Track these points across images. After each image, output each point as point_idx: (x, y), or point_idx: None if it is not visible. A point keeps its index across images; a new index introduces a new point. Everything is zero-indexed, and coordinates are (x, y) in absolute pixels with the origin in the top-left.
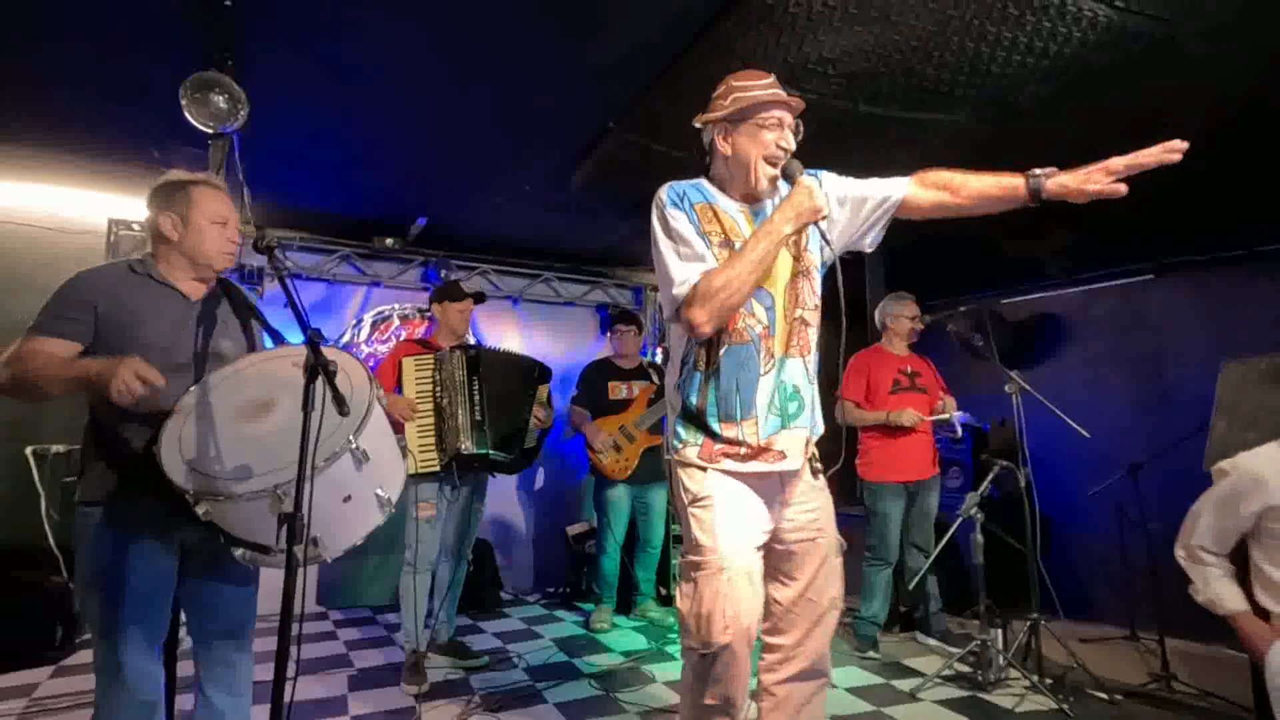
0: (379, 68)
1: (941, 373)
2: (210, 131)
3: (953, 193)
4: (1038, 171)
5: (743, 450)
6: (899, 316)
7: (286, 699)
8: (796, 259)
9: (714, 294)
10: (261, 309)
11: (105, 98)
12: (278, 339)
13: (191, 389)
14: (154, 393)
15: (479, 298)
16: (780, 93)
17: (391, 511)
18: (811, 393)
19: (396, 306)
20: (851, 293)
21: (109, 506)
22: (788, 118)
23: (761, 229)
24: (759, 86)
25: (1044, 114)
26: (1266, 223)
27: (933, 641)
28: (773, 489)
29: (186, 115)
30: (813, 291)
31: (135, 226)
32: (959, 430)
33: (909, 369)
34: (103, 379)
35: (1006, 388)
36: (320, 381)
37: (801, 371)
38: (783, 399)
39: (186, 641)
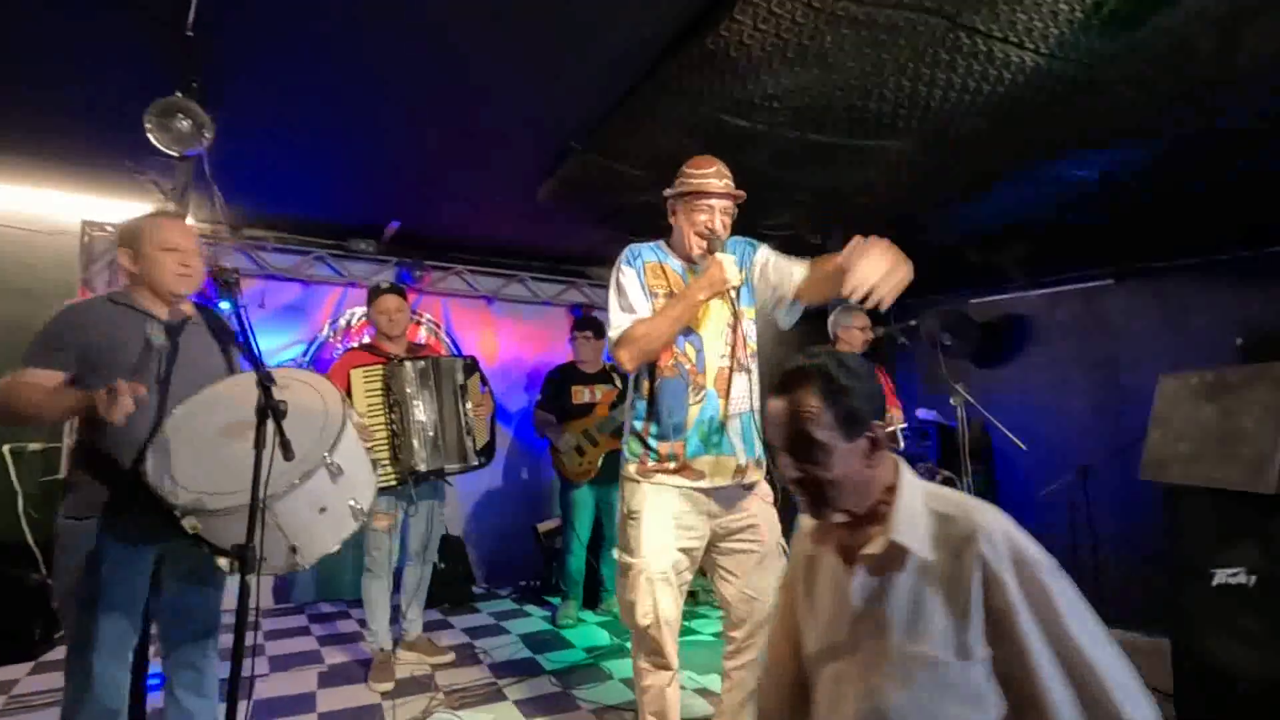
0: (346, 86)
1: (917, 369)
2: (176, 155)
3: (816, 269)
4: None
5: (671, 465)
6: (849, 328)
7: (253, 697)
8: (734, 314)
9: (636, 340)
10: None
11: (76, 114)
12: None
13: (175, 410)
14: (141, 409)
15: (399, 292)
16: (712, 184)
17: (365, 519)
18: (734, 427)
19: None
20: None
21: (100, 521)
22: (720, 202)
23: (682, 294)
24: (699, 176)
25: (985, 143)
26: (1221, 233)
27: None
28: (701, 502)
29: (151, 139)
30: (743, 344)
31: (109, 228)
32: (901, 442)
33: None
34: (100, 404)
35: (951, 400)
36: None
37: (724, 410)
38: (709, 429)
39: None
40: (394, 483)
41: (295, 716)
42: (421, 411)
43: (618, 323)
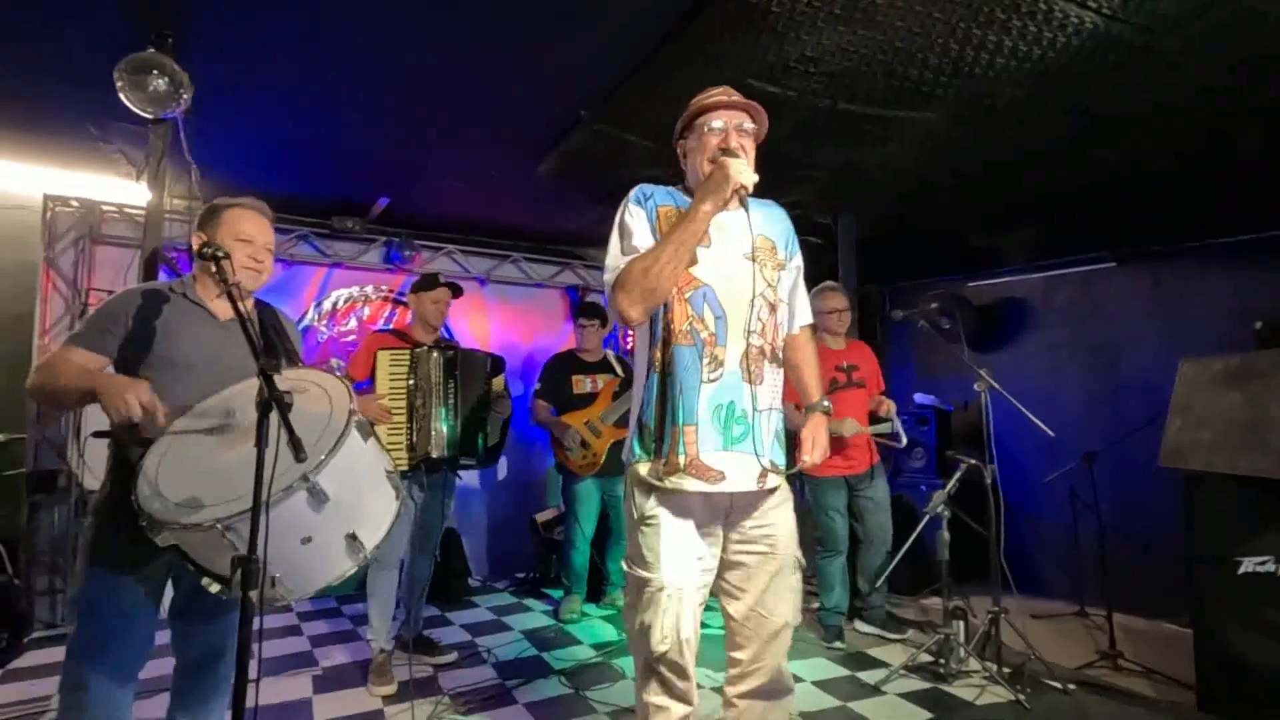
0: (336, 45)
1: (911, 354)
2: (150, 117)
3: (789, 359)
4: (825, 403)
5: (683, 461)
6: (819, 312)
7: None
8: (769, 285)
9: (635, 278)
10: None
11: (36, 74)
12: (294, 363)
13: (191, 410)
14: (151, 422)
15: (455, 290)
16: (720, 98)
17: (365, 561)
18: (762, 423)
19: (358, 289)
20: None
21: (100, 523)
22: (735, 119)
23: (684, 213)
24: (702, 97)
25: (1018, 116)
26: (1220, 218)
27: (870, 629)
28: (720, 506)
29: (122, 99)
30: (775, 328)
31: (73, 203)
32: (903, 438)
33: (845, 364)
34: (106, 397)
35: (976, 385)
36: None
37: (751, 399)
38: (726, 417)
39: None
40: (406, 467)
41: None
42: (443, 401)
43: (614, 265)
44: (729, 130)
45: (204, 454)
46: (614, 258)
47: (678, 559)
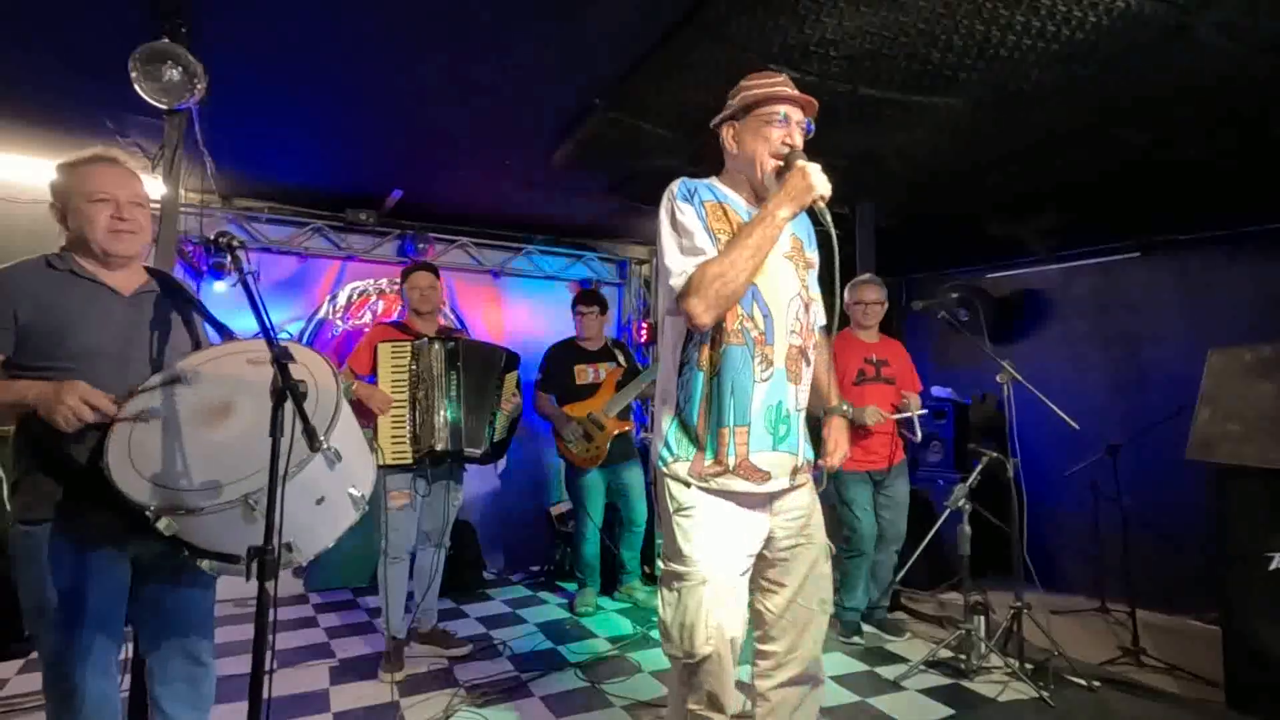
0: (348, 36)
1: (927, 347)
2: (164, 107)
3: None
4: (845, 406)
5: (732, 462)
6: (849, 304)
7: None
8: (804, 285)
9: (710, 283)
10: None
11: (50, 65)
12: (224, 332)
13: (138, 395)
14: (103, 417)
15: (431, 269)
16: (786, 89)
17: (365, 509)
18: (799, 422)
19: (372, 282)
20: (841, 271)
21: (56, 524)
22: (796, 114)
23: (758, 215)
24: (765, 84)
25: (1043, 100)
26: (1249, 205)
27: (867, 628)
28: (760, 503)
29: (137, 90)
30: (810, 327)
31: None
32: (918, 434)
33: (875, 357)
34: (45, 408)
35: (999, 378)
36: (290, 403)
37: (794, 399)
38: (775, 417)
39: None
40: (409, 460)
41: (308, 717)
42: (446, 393)
43: (681, 267)
44: (793, 127)
45: (193, 436)
46: (676, 260)
47: (719, 550)
